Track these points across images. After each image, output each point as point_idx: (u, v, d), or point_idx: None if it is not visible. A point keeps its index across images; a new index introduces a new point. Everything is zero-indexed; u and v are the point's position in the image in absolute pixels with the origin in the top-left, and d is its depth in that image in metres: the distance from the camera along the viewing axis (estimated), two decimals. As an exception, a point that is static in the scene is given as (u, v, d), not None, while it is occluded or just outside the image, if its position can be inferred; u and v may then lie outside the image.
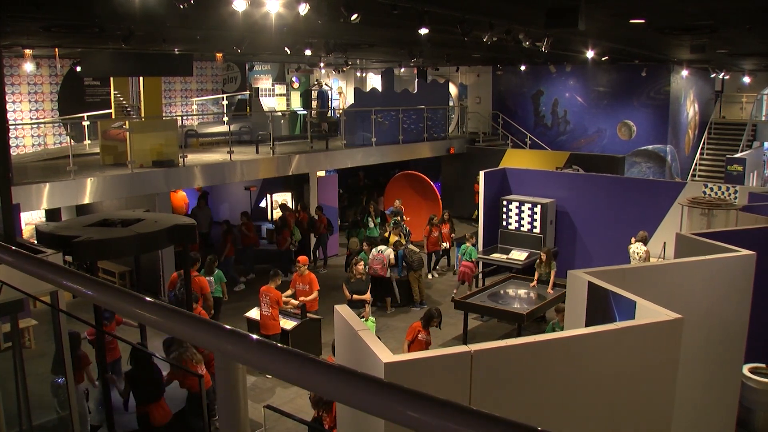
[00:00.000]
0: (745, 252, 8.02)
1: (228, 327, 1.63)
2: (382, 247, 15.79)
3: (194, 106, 26.51)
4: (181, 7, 9.50)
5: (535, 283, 14.55)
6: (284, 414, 8.17)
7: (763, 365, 9.98)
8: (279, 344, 1.55)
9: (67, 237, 8.80)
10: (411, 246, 16.53)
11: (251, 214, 20.18)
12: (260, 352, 1.54)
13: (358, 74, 34.03)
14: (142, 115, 18.96)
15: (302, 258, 13.81)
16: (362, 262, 14.00)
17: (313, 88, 31.43)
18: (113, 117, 19.51)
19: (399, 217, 19.20)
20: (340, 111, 25.78)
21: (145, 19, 12.01)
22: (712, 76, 28.53)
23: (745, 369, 9.34)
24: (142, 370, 9.06)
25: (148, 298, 1.83)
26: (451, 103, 28.11)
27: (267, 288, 12.44)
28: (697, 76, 27.59)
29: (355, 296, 13.39)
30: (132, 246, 9.69)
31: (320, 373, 1.44)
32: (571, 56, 21.53)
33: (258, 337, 1.59)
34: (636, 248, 14.46)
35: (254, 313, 12.95)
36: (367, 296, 13.53)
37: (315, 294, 13.23)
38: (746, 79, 28.24)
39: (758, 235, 9.89)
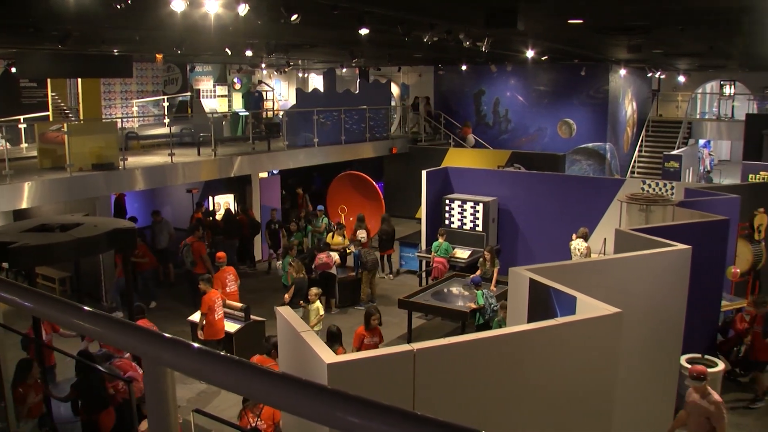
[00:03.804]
0: (681, 246, 8.22)
1: (156, 332, 1.61)
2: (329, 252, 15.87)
3: (134, 108, 26.12)
4: (118, 7, 9.35)
5: None
6: (213, 418, 8.08)
7: (699, 355, 10.24)
8: (207, 348, 1.54)
9: (2, 243, 8.60)
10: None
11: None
12: (188, 357, 1.52)
13: (300, 75, 33.93)
14: (81, 117, 18.61)
15: (220, 254, 13.98)
16: (291, 266, 14.02)
17: (236, 89, 31.23)
18: (51, 119, 19.13)
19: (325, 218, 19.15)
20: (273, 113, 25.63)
21: (82, 20, 11.79)
22: (649, 75, 29.17)
23: (683, 359, 9.56)
24: (88, 379, 8.92)
25: (85, 307, 1.79)
26: (393, 103, 28.14)
27: (215, 291, 12.32)
28: (634, 76, 28.10)
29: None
30: (71, 251, 9.51)
31: (250, 376, 1.43)
32: (511, 56, 21.75)
33: (185, 341, 1.57)
34: (577, 244, 14.68)
35: (197, 317, 12.75)
36: (285, 296, 13.54)
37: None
38: (681, 79, 28.97)
39: (694, 229, 10.14)
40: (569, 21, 13.32)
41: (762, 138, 24.30)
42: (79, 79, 18.65)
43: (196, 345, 1.56)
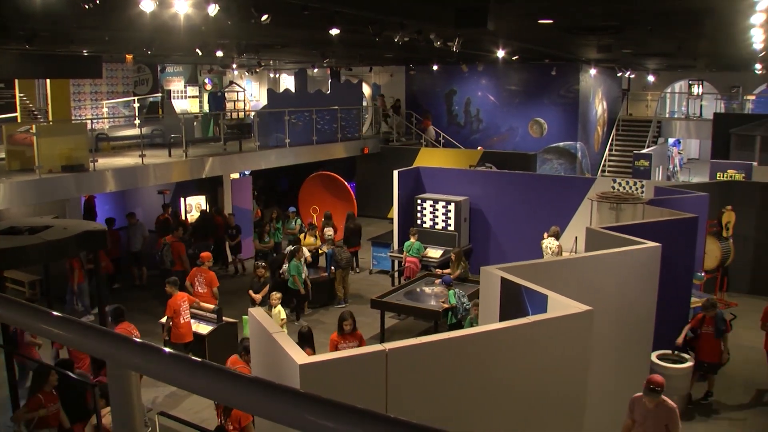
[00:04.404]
0: (651, 244, 8.30)
1: (120, 334, 1.59)
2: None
3: (105, 109, 25.89)
4: (86, 7, 9.26)
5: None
6: (179, 421, 8.03)
7: (670, 351, 10.34)
8: (174, 351, 1.53)
9: (-31, 246, 8.49)
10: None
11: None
12: (152, 359, 1.51)
13: (272, 75, 33.83)
14: (50, 118, 18.39)
15: (204, 254, 13.84)
16: (261, 267, 13.94)
17: (207, 89, 31.02)
18: (19, 120, 18.87)
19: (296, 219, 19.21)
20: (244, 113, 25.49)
21: (50, 19, 11.66)
22: (619, 74, 29.45)
23: (653, 356, 9.66)
24: (61, 389, 8.72)
25: (53, 312, 1.77)
26: (364, 103, 28.13)
27: (181, 294, 12.18)
28: (605, 75, 28.33)
29: (252, 294, 13.68)
30: (40, 254, 9.40)
31: (216, 379, 1.43)
32: (482, 56, 21.84)
33: (149, 342, 1.56)
34: (548, 243, 14.76)
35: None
36: (257, 296, 13.51)
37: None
38: (651, 78, 29.31)
39: (663, 227, 10.24)
40: (539, 21, 13.40)
41: (729, 137, 24.62)
42: (48, 80, 18.43)
43: (166, 349, 1.55)
